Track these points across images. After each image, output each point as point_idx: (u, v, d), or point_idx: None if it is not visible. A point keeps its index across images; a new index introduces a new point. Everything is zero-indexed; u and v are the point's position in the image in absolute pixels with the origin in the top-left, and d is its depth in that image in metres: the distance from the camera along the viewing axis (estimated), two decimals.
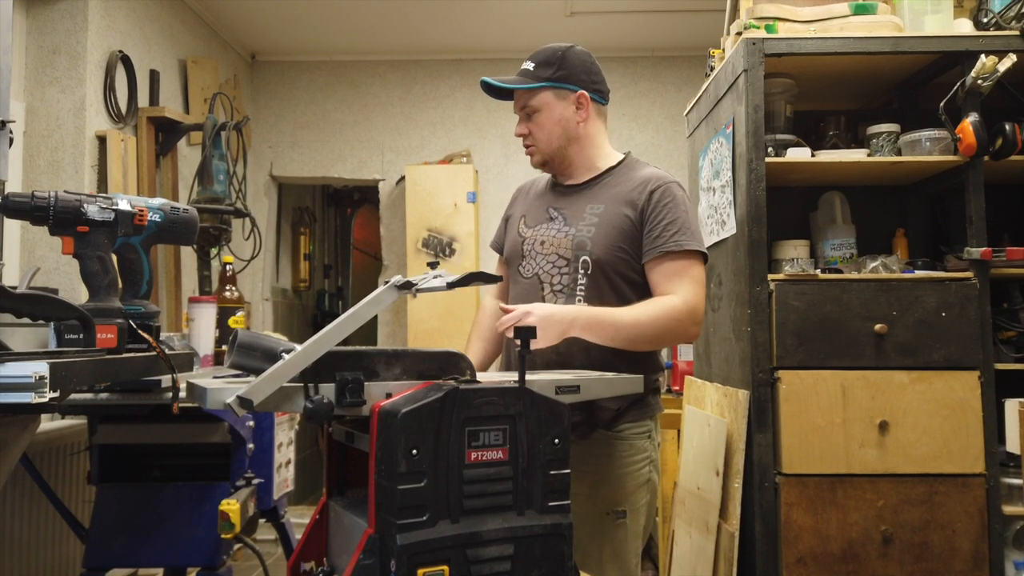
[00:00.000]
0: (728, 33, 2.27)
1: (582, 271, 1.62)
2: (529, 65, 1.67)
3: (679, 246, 1.57)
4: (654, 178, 1.64)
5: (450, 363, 1.04)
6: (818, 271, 2.06)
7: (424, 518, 0.89)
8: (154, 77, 3.39)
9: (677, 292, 1.56)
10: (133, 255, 1.32)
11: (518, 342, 1.02)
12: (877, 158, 2.11)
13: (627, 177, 1.68)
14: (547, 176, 1.82)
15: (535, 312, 1.44)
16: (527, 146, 1.71)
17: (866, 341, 1.95)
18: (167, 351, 1.30)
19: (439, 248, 4.16)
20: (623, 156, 1.74)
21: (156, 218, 1.33)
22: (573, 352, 1.55)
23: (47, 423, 2.41)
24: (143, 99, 3.31)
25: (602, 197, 1.67)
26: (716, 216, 2.28)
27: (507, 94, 1.71)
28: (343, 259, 6.75)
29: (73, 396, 1.66)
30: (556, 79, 1.65)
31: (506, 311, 1.47)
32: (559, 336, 1.46)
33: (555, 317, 1.45)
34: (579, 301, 1.61)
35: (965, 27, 2.10)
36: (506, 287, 1.81)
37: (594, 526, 1.59)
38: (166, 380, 1.66)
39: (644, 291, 1.63)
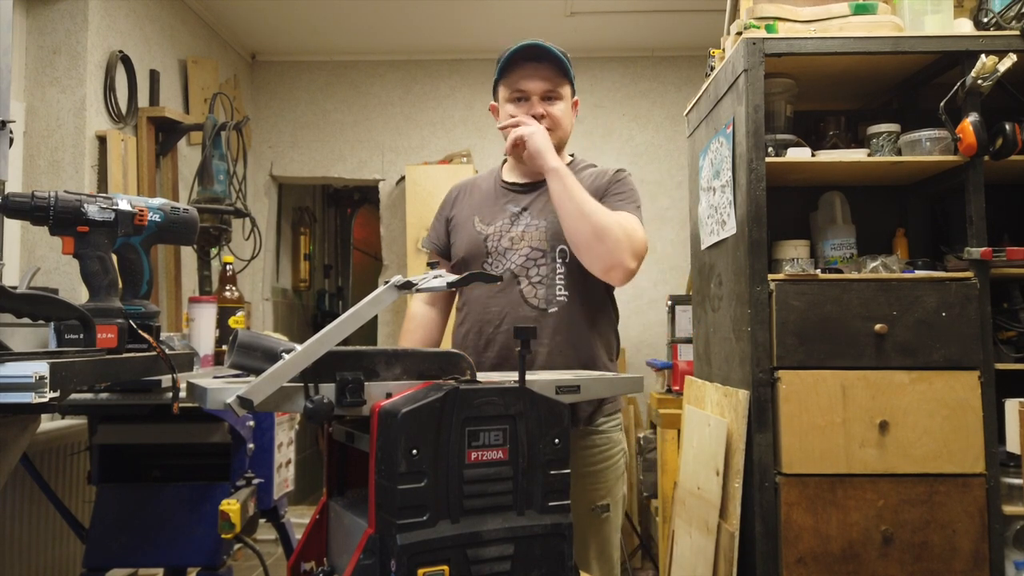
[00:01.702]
0: (728, 33, 2.27)
1: (560, 260, 1.65)
2: (557, 52, 1.68)
3: (625, 208, 1.66)
4: (612, 169, 1.76)
5: (450, 363, 1.05)
6: (818, 271, 2.06)
7: (424, 518, 0.89)
8: (154, 77, 3.39)
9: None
10: (133, 255, 1.32)
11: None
12: (877, 158, 2.11)
13: (582, 173, 1.75)
14: (489, 177, 1.83)
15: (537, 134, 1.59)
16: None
17: (866, 341, 1.95)
18: (167, 351, 1.30)
19: None
20: (571, 157, 1.82)
21: (156, 218, 1.33)
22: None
23: (47, 423, 2.41)
24: (143, 99, 3.31)
25: None
26: (716, 216, 2.27)
27: (513, 65, 1.69)
28: (343, 259, 6.74)
29: (73, 396, 1.66)
30: (572, 79, 1.74)
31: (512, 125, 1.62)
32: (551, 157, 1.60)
33: (547, 150, 1.60)
34: (560, 291, 1.63)
35: (965, 27, 2.10)
36: (450, 295, 1.81)
37: (579, 523, 1.59)
38: (166, 380, 1.66)
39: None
